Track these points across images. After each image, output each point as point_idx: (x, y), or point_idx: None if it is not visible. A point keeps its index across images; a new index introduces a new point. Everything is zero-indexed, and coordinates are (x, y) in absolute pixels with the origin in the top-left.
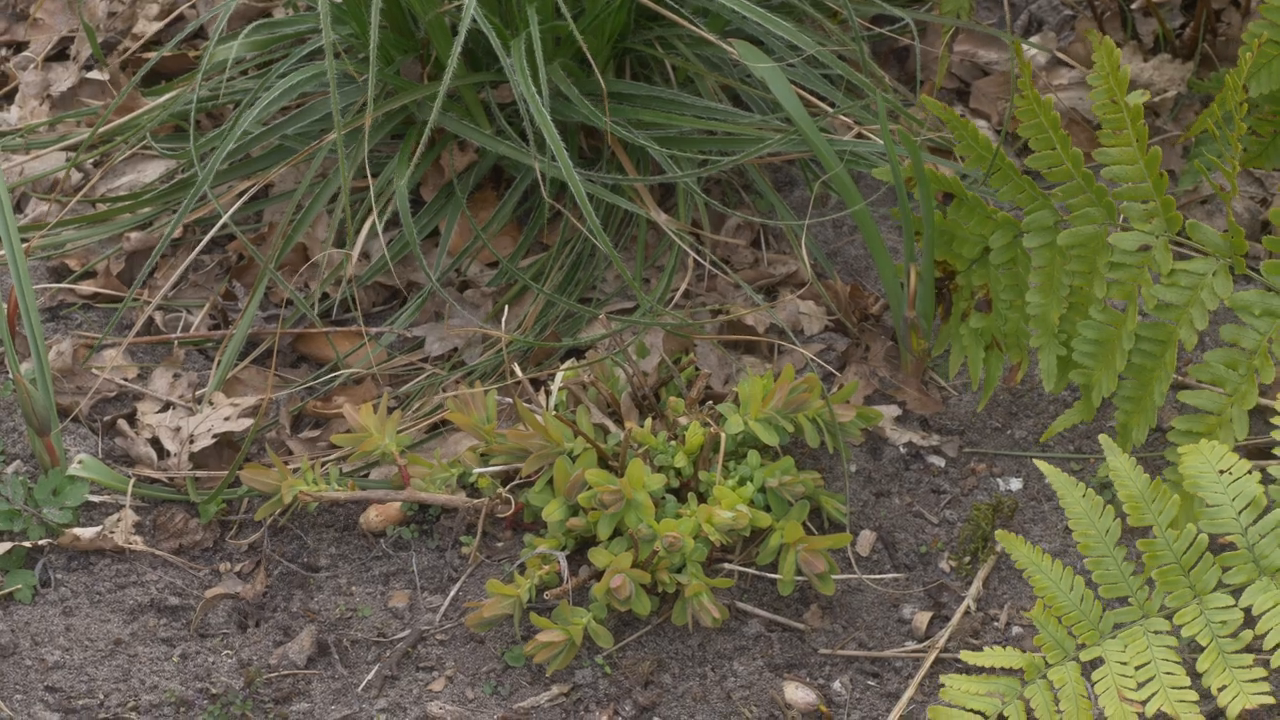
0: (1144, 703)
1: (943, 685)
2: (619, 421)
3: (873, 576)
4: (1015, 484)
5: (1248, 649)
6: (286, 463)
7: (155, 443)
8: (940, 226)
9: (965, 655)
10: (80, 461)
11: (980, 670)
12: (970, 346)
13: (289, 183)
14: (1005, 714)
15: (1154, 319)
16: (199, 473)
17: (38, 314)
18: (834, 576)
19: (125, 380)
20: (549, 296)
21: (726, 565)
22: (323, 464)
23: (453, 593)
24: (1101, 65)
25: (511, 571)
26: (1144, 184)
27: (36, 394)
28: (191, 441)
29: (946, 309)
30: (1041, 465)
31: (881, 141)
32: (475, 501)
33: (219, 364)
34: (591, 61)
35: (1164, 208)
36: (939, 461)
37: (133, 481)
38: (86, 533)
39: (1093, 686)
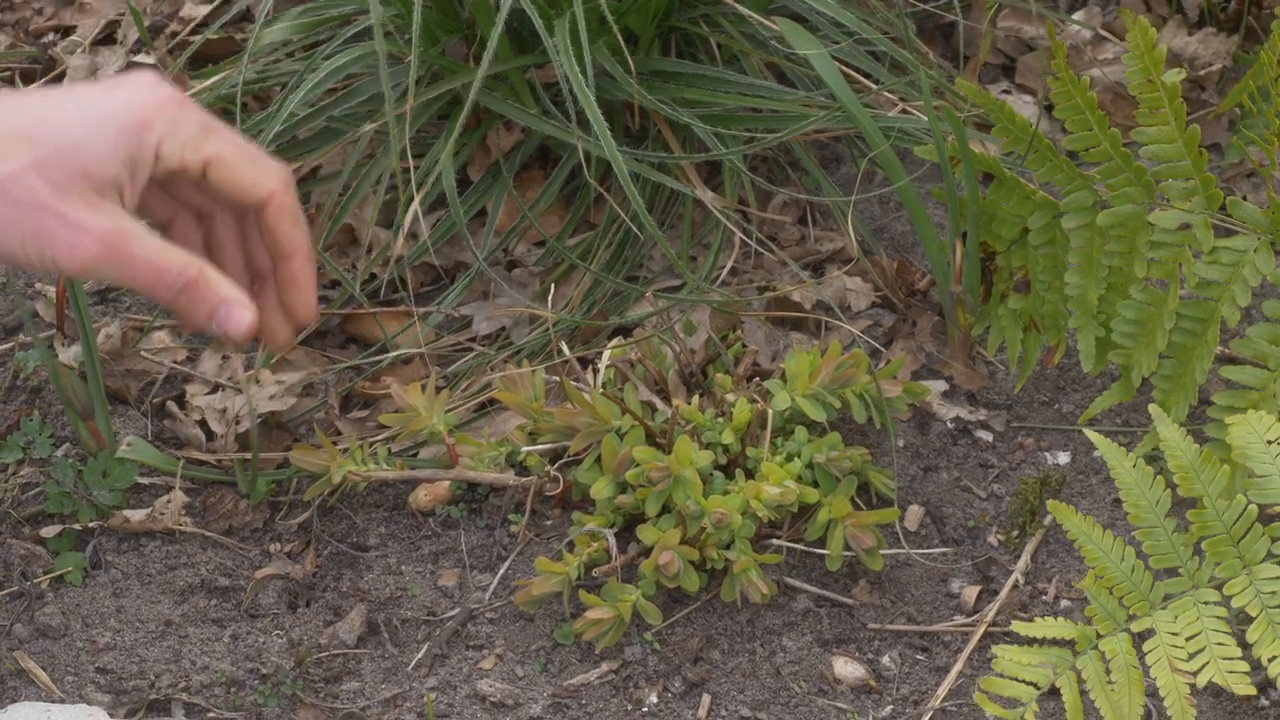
0: (1195, 673)
1: (994, 656)
2: (666, 399)
3: (921, 551)
4: (1063, 458)
5: None
6: (335, 443)
7: (204, 425)
8: (980, 207)
9: (1017, 626)
10: (129, 444)
11: (1031, 641)
12: (1009, 328)
13: (336, 164)
14: (1058, 685)
15: (1195, 297)
16: (246, 454)
17: (85, 298)
18: (882, 551)
19: (174, 363)
20: (596, 275)
21: (774, 541)
22: (371, 444)
23: (502, 571)
24: (1136, 45)
25: (560, 549)
26: (1183, 162)
27: (76, 378)
28: (237, 422)
29: (987, 289)
30: (1091, 435)
31: (925, 118)
32: (523, 480)
33: (264, 345)
34: (620, 43)
35: (1203, 185)
36: (986, 436)
37: (181, 463)
38: (136, 515)
39: (1144, 657)
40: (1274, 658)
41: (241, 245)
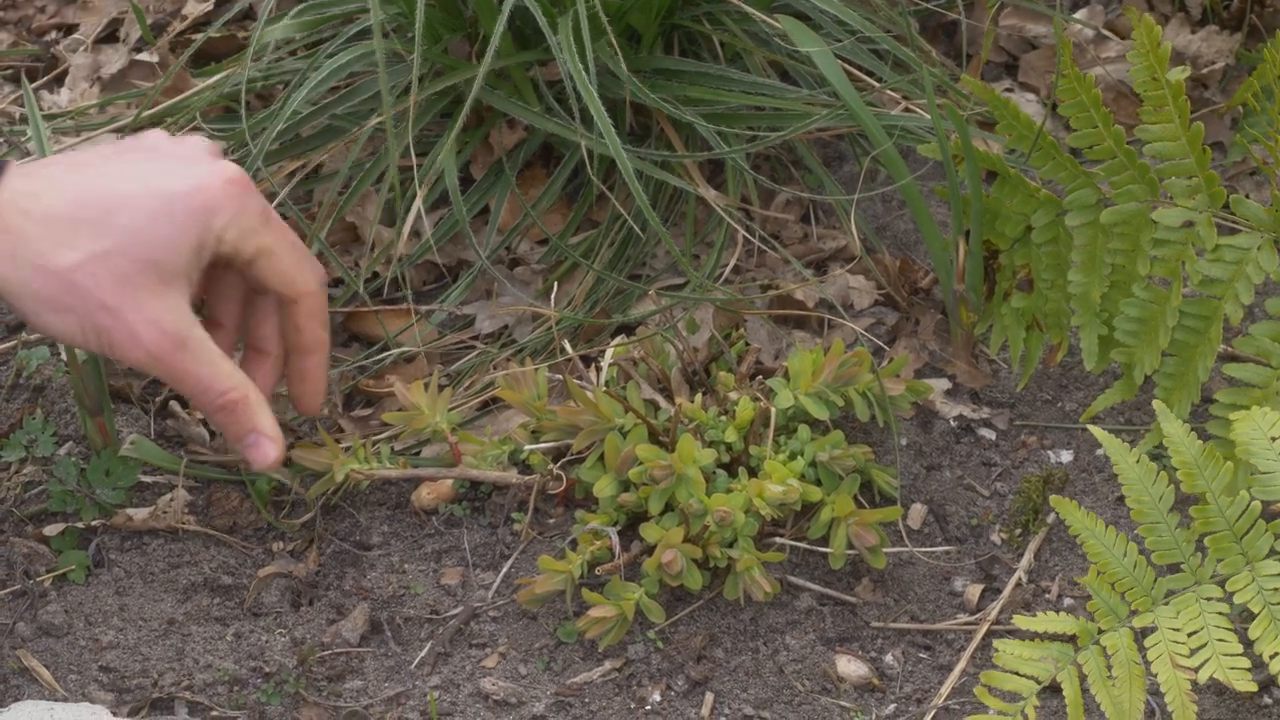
0: (1196, 670)
1: (996, 652)
2: (669, 397)
3: (924, 549)
4: (1066, 456)
5: None
6: (338, 441)
7: (207, 423)
8: (983, 205)
9: (1019, 620)
10: (132, 442)
11: (1034, 636)
12: (1011, 326)
13: (338, 162)
14: (1059, 679)
15: (1198, 295)
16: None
17: None
18: (885, 550)
19: None
20: (599, 273)
21: (777, 539)
22: (374, 443)
23: (505, 569)
24: (1141, 43)
25: (563, 548)
26: (1186, 160)
27: (89, 375)
28: None
29: (990, 287)
30: (1096, 432)
31: (928, 116)
32: (526, 478)
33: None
34: (612, 41)
35: (1207, 183)
36: (989, 434)
37: (185, 461)
38: (139, 513)
39: (1145, 653)
40: (1276, 654)
41: (243, 313)
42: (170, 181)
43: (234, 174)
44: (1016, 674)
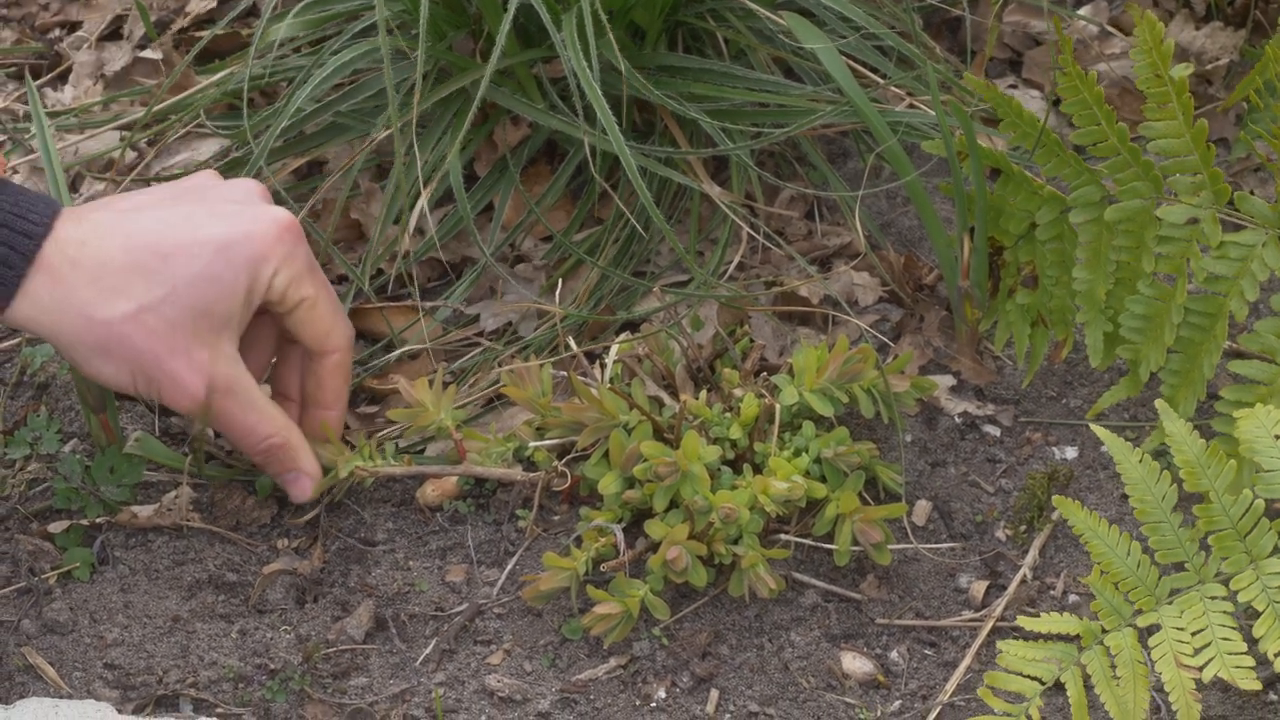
0: (1200, 668)
1: (1000, 652)
2: (674, 394)
3: (929, 546)
4: (1071, 452)
5: None
6: (342, 438)
7: None
8: (987, 202)
9: (1022, 620)
10: (137, 439)
11: (1037, 636)
12: (1016, 323)
13: (342, 159)
14: (1062, 680)
15: (1203, 292)
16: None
17: None
18: (890, 546)
19: None
20: (603, 270)
21: (782, 536)
22: (379, 441)
23: (509, 566)
24: (1144, 39)
25: (568, 545)
26: (1191, 157)
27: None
28: None
29: (995, 284)
30: (1098, 431)
31: (932, 112)
32: (531, 475)
33: None
34: (616, 38)
35: (1212, 180)
36: (994, 431)
37: (189, 459)
38: (144, 510)
39: (1149, 652)
40: (1279, 653)
41: (269, 359)
42: (222, 228)
43: (286, 221)
44: (1020, 675)
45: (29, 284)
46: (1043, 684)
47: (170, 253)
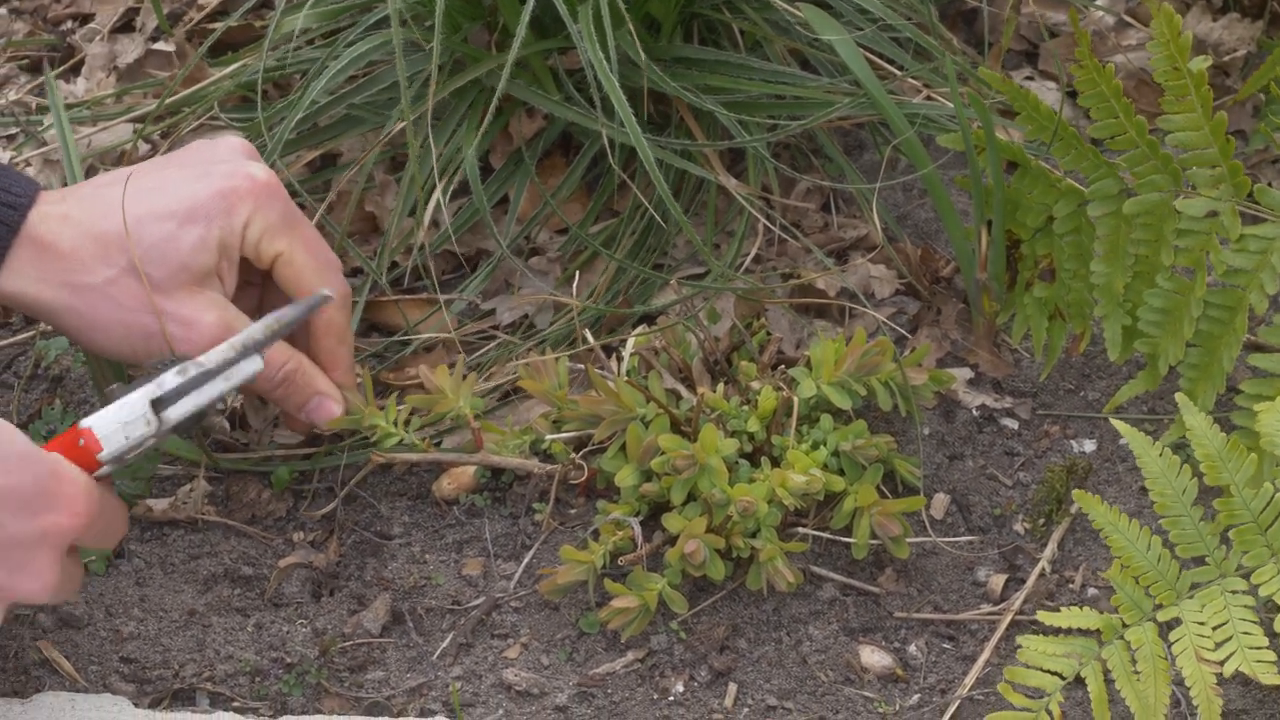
0: (1221, 663)
1: (1019, 647)
2: (691, 387)
3: (947, 539)
4: (1089, 445)
5: None
6: (357, 433)
7: (231, 415)
8: (1005, 195)
9: (1042, 615)
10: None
11: (1057, 631)
12: (1034, 315)
13: (357, 151)
14: (1082, 675)
15: (1222, 285)
16: (279, 451)
17: None
18: (908, 540)
19: None
20: (620, 262)
21: (800, 529)
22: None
23: (526, 560)
24: (1161, 32)
25: (585, 538)
26: (1210, 149)
27: (107, 364)
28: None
29: (1012, 277)
30: (1118, 425)
31: (950, 104)
32: (548, 468)
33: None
34: (632, 29)
35: (1231, 172)
36: (1012, 424)
37: (205, 453)
38: (159, 504)
39: (1170, 647)
40: None
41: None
42: (197, 187)
43: (259, 174)
44: (1040, 670)
45: (13, 256)
46: (1063, 679)
47: (145, 217)
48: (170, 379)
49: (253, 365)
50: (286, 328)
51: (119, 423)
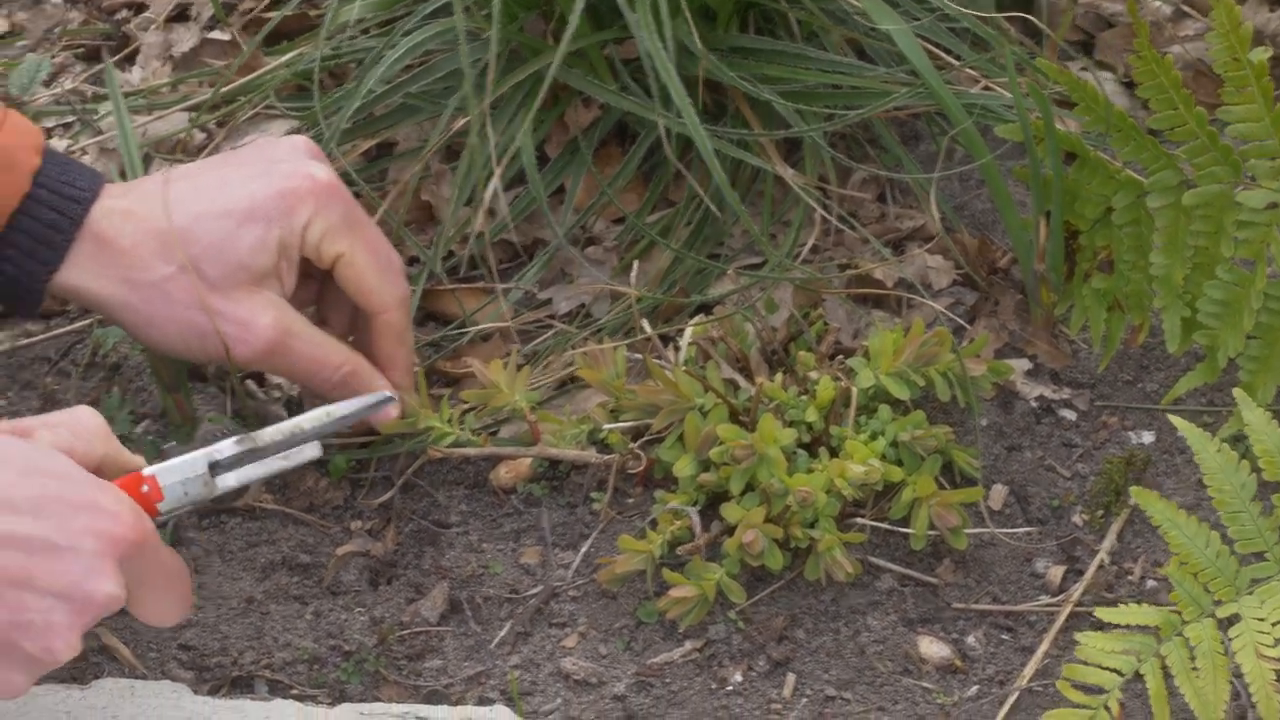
0: None
1: (1078, 643)
2: (748, 377)
3: (1005, 531)
4: (1147, 437)
5: None
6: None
7: (287, 403)
8: (1063, 186)
9: (1100, 612)
10: (210, 420)
11: (1115, 627)
12: (1092, 307)
13: (413, 140)
14: (1142, 671)
15: None
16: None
17: None
18: (966, 531)
19: None
20: (677, 252)
21: (858, 520)
22: (456, 418)
23: (584, 549)
24: (1221, 23)
25: (643, 527)
26: (1270, 141)
27: (167, 361)
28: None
29: (1070, 268)
30: (1176, 421)
31: (1007, 95)
32: (606, 458)
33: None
34: (689, 19)
35: None
36: (1070, 415)
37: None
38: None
39: (1229, 643)
40: None
41: (351, 324)
42: (257, 186)
43: (320, 174)
44: (1099, 666)
45: (75, 250)
46: (1121, 675)
47: (204, 214)
48: (227, 447)
49: (312, 451)
50: (336, 423)
51: (181, 478)
